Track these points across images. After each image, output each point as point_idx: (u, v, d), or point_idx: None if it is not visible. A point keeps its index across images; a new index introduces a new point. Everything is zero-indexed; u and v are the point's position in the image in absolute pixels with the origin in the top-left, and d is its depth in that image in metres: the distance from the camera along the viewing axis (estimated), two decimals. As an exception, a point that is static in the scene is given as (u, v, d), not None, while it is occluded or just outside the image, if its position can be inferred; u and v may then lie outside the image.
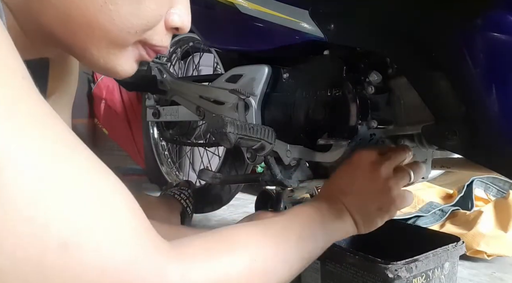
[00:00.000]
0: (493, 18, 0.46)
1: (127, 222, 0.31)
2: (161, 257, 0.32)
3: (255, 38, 0.78)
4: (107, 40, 0.40)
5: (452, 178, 1.48)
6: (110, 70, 0.43)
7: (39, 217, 0.27)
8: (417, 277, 0.68)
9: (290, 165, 0.74)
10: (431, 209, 1.23)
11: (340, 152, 0.67)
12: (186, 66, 1.50)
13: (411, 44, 0.55)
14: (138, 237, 0.31)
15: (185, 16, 0.44)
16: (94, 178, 0.31)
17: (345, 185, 0.61)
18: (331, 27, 0.65)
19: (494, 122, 0.47)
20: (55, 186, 0.28)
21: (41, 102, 0.31)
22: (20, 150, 0.27)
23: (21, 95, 0.29)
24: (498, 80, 0.46)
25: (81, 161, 0.31)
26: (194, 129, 1.37)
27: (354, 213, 0.59)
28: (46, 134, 0.29)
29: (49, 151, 0.29)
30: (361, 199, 0.59)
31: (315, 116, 0.73)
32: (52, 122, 0.30)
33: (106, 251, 0.29)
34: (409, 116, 0.63)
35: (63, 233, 0.27)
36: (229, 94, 0.83)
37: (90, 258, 0.28)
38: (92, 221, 0.29)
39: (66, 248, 0.27)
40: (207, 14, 0.85)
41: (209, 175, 0.86)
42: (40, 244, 0.27)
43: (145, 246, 0.31)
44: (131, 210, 0.32)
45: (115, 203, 0.31)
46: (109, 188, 0.31)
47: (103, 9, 0.38)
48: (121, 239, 0.30)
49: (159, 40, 0.44)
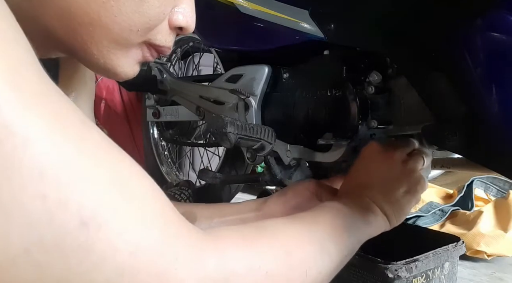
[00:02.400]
0: (493, 18, 0.46)
1: (153, 202, 0.29)
2: (195, 240, 0.30)
3: (255, 38, 0.78)
4: (108, 38, 0.39)
5: (452, 178, 1.48)
6: (110, 71, 0.42)
7: (52, 193, 0.24)
8: (417, 277, 0.68)
9: (290, 165, 0.74)
10: (431, 209, 1.23)
11: (340, 152, 0.67)
12: (186, 66, 1.50)
13: (411, 44, 0.55)
14: (168, 218, 0.29)
15: (190, 16, 0.43)
16: (114, 157, 0.29)
17: (365, 180, 0.59)
18: (331, 27, 0.65)
19: (494, 122, 0.47)
20: (70, 160, 0.25)
21: (47, 78, 0.28)
22: (30, 121, 0.24)
23: (26, 68, 0.26)
24: (498, 80, 0.46)
25: (98, 140, 0.28)
26: (194, 129, 1.37)
27: (383, 204, 0.56)
28: (59, 110, 0.27)
29: (63, 125, 0.26)
30: (386, 188, 0.58)
31: (315, 116, 0.73)
32: (61, 98, 0.28)
33: (135, 232, 0.27)
34: (409, 116, 0.63)
35: (82, 211, 0.25)
36: (229, 94, 0.83)
37: (118, 239, 0.26)
38: (113, 200, 0.27)
39: (86, 227, 0.25)
40: (207, 14, 0.85)
41: (209, 175, 0.86)
42: (58, 223, 0.24)
43: (178, 227, 0.30)
44: (156, 191, 0.30)
45: (140, 185, 0.29)
46: (131, 169, 0.29)
47: (105, 5, 0.37)
48: (150, 219, 0.28)
49: (162, 40, 0.43)
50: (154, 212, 0.29)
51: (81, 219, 0.25)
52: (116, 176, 0.28)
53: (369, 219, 0.54)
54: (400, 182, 0.59)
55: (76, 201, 0.25)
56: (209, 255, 0.30)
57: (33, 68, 0.27)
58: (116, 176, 0.28)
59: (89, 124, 0.28)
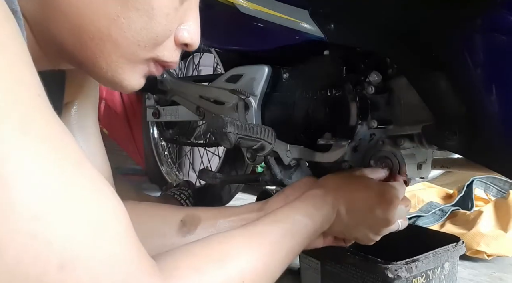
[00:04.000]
0: (493, 18, 0.46)
1: (121, 249, 0.32)
2: (153, 278, 0.33)
3: (255, 38, 0.78)
4: (117, 53, 0.41)
5: (452, 178, 1.48)
6: (117, 84, 0.44)
7: (42, 235, 0.27)
8: (417, 277, 0.68)
9: (290, 165, 0.74)
10: (431, 209, 1.23)
11: (340, 152, 0.67)
12: (186, 66, 1.50)
13: (411, 44, 0.55)
14: (131, 263, 0.32)
15: (195, 33, 0.46)
16: (97, 201, 0.32)
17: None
18: (331, 27, 0.65)
19: (494, 122, 0.47)
20: (60, 205, 0.29)
21: (54, 120, 0.31)
22: (29, 168, 0.28)
23: (35, 113, 0.29)
24: (498, 80, 0.46)
25: (86, 183, 0.31)
26: (194, 129, 1.37)
27: (341, 207, 0.59)
28: (55, 154, 0.30)
29: (57, 170, 0.29)
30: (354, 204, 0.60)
31: (315, 116, 0.73)
32: (62, 142, 0.31)
33: (100, 278, 0.29)
34: (409, 116, 0.63)
35: (63, 254, 0.28)
36: (229, 94, 0.83)
37: (85, 281, 0.29)
38: (90, 245, 0.29)
39: (64, 268, 0.28)
40: (207, 14, 0.85)
41: (209, 175, 0.86)
42: (42, 262, 0.27)
43: (136, 273, 0.32)
44: (125, 236, 0.33)
45: (112, 229, 0.32)
46: (109, 211, 0.32)
47: (116, 22, 0.39)
48: (114, 266, 0.31)
49: (169, 56, 0.45)
50: (124, 257, 0.32)
51: (62, 260, 0.28)
52: (97, 219, 0.31)
53: (317, 213, 0.56)
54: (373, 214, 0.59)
55: (59, 241, 0.28)
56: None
57: (43, 115, 0.30)
58: (97, 220, 0.31)
59: (81, 166, 0.32)
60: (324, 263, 0.75)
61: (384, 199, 0.60)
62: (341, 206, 0.58)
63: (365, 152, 0.70)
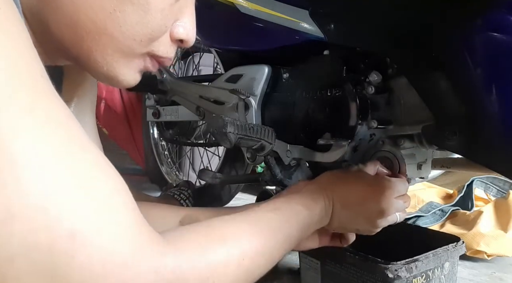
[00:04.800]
0: (493, 18, 0.46)
1: (126, 219, 0.33)
2: (155, 252, 0.34)
3: (255, 38, 0.78)
4: (113, 47, 0.41)
5: (452, 178, 1.48)
6: (113, 78, 0.44)
7: (52, 208, 0.29)
8: (417, 277, 0.68)
9: (290, 165, 0.74)
10: (431, 209, 1.23)
11: (340, 152, 0.67)
12: (186, 66, 1.50)
13: (411, 44, 0.55)
14: (135, 233, 0.33)
15: (190, 29, 0.46)
16: (101, 177, 0.33)
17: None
18: (331, 27, 0.65)
19: (494, 122, 0.47)
20: (67, 181, 0.30)
21: (58, 100, 0.32)
22: (38, 146, 0.29)
23: (39, 93, 0.31)
24: (498, 80, 0.46)
25: (91, 160, 0.33)
26: (194, 129, 1.37)
27: (336, 204, 0.59)
28: (60, 133, 0.31)
29: (64, 148, 0.31)
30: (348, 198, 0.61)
31: (315, 116, 0.73)
32: (67, 121, 0.32)
33: (107, 246, 0.31)
34: (409, 116, 0.63)
35: (73, 225, 0.29)
36: (229, 94, 0.83)
37: (94, 251, 0.30)
38: (97, 216, 0.31)
39: (74, 238, 0.29)
40: (207, 14, 0.85)
41: (209, 175, 0.86)
42: (52, 232, 0.28)
43: (141, 241, 0.33)
44: (129, 209, 0.34)
45: (117, 202, 0.33)
46: (113, 187, 0.33)
47: (112, 16, 0.39)
48: (120, 235, 0.32)
49: (164, 51, 0.45)
50: (127, 228, 0.33)
51: (71, 231, 0.29)
52: (102, 194, 0.32)
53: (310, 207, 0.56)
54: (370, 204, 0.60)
55: (67, 215, 0.29)
56: (167, 266, 0.34)
57: (47, 95, 0.32)
58: (102, 195, 0.32)
59: (86, 145, 0.33)
60: (324, 263, 0.75)
61: (377, 189, 0.61)
62: (336, 199, 0.59)
63: (365, 152, 0.70)
